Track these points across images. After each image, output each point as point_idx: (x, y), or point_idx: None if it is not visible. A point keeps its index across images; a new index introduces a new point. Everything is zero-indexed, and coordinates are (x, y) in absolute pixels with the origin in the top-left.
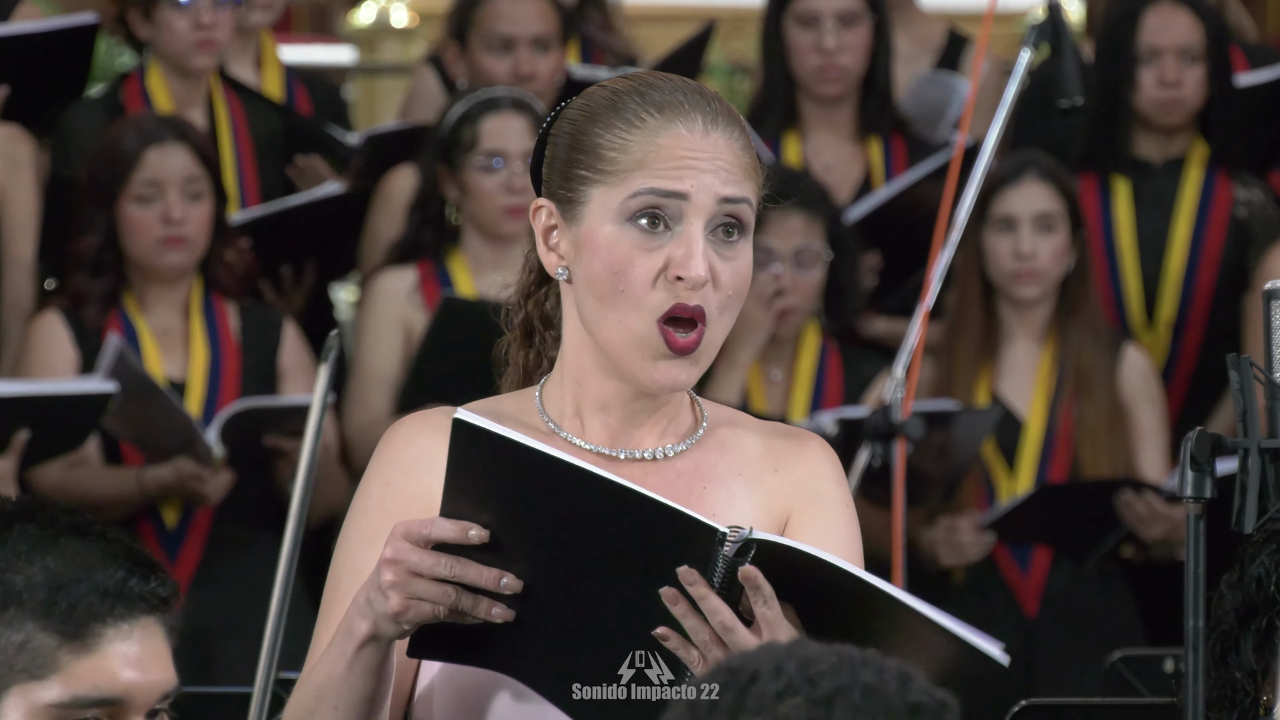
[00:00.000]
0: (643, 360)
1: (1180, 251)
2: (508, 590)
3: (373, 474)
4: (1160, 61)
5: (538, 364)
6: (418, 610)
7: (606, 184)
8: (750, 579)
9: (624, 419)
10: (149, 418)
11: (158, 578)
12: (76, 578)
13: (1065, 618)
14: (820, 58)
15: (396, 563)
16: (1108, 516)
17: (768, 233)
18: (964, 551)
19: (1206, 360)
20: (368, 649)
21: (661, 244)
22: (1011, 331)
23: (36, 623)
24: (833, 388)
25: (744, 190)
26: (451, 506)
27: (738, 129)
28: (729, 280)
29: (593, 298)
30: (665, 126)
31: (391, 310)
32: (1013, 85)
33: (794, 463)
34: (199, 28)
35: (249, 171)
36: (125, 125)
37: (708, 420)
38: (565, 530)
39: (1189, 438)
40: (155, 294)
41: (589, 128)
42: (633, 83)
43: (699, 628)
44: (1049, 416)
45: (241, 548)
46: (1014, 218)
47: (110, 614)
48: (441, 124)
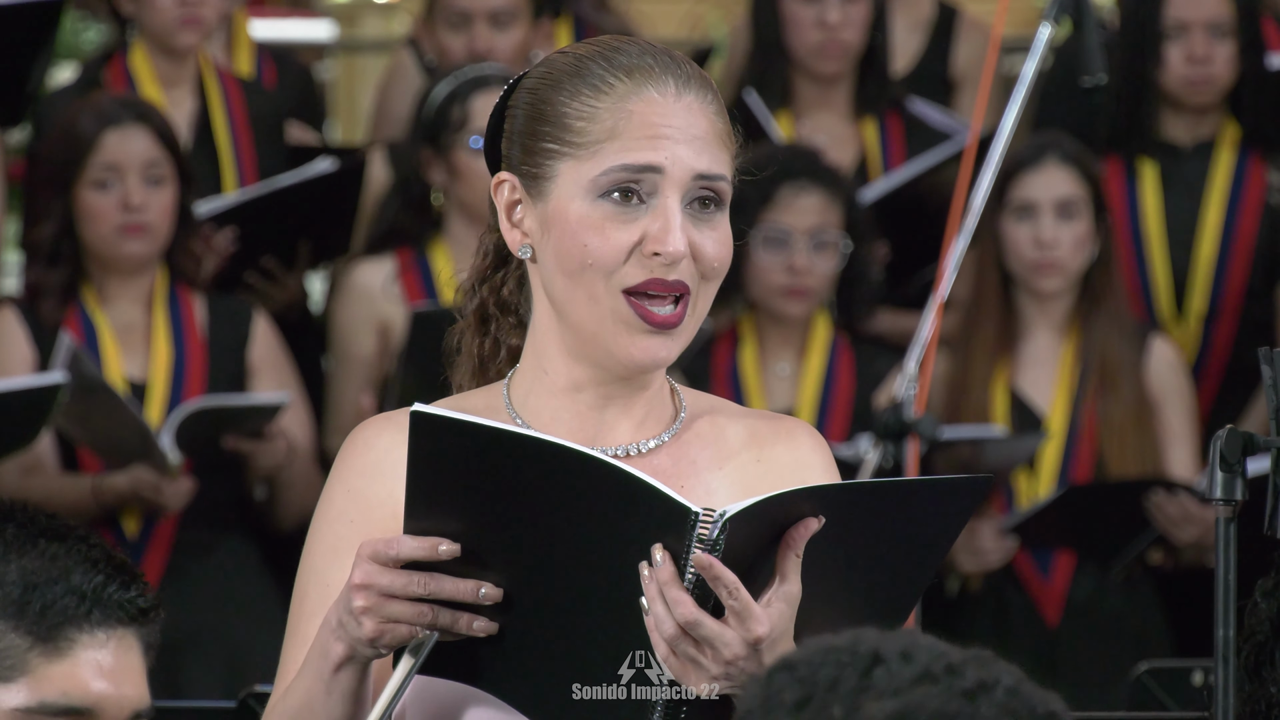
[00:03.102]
0: (619, 337)
1: (1211, 240)
2: (487, 600)
3: (334, 481)
4: (1188, 37)
5: (494, 353)
6: (394, 633)
7: (576, 157)
8: (706, 567)
9: (597, 404)
10: (105, 421)
11: (138, 587)
12: (52, 579)
13: (1089, 627)
14: (822, 33)
15: (367, 587)
16: (1137, 519)
17: (784, 211)
18: (985, 557)
19: (1239, 355)
20: (345, 672)
21: (636, 217)
22: (1031, 324)
23: (7, 623)
24: (844, 384)
25: (719, 164)
26: (415, 509)
27: (710, 93)
28: (711, 252)
29: (562, 276)
30: (635, 91)
31: (366, 304)
32: (1031, 63)
33: (778, 451)
34: (184, 4)
35: (246, 153)
36: (83, 106)
37: (687, 410)
38: (538, 519)
39: (1218, 436)
40: (115, 286)
41: (553, 96)
42: (597, 47)
43: (665, 617)
44: (1071, 414)
45: (207, 553)
46: (1034, 204)
47: (85, 619)
48: (426, 104)
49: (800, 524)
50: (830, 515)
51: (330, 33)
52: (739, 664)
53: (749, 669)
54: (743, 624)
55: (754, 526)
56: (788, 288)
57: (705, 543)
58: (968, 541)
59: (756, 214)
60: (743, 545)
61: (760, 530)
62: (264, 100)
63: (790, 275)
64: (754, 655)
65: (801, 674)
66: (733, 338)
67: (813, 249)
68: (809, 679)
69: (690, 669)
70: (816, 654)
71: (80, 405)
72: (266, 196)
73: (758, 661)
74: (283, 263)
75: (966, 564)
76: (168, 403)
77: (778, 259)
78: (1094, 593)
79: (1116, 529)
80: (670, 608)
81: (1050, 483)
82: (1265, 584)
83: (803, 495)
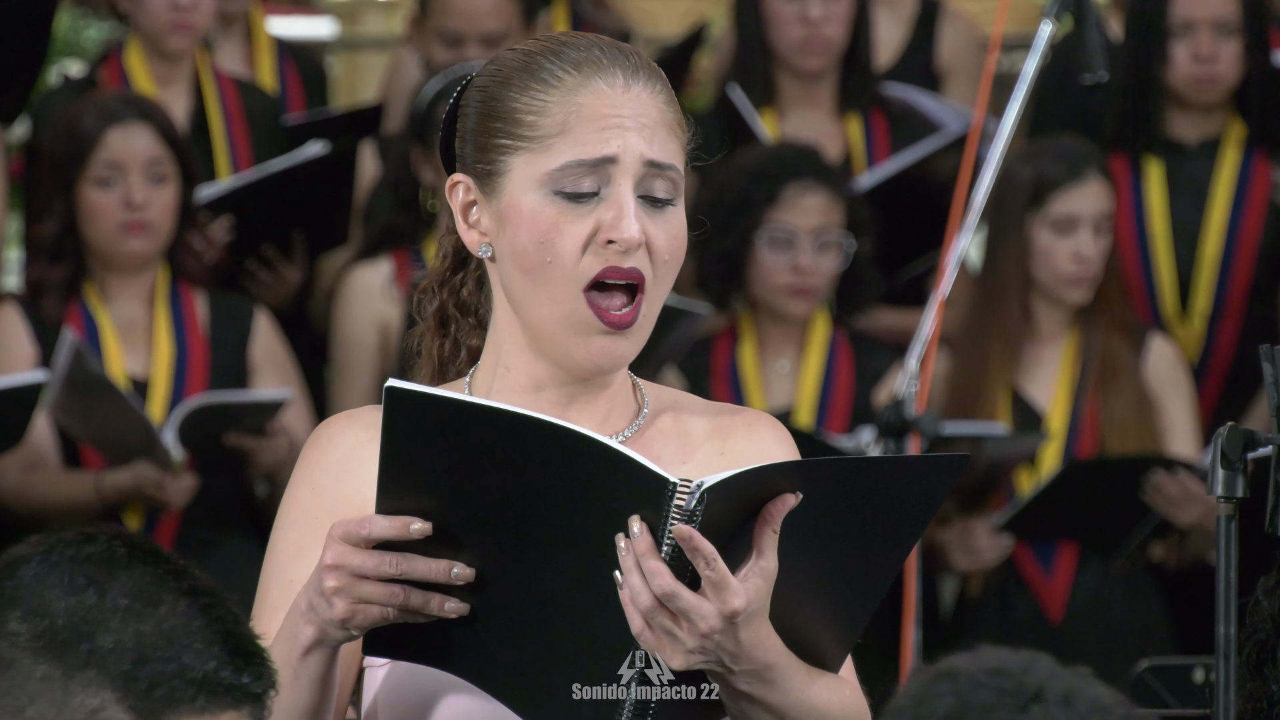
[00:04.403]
0: (576, 338)
1: (1216, 238)
2: (459, 581)
3: (298, 478)
4: (1194, 35)
5: (454, 354)
6: (365, 614)
7: (528, 151)
8: (685, 539)
9: (560, 402)
10: (107, 418)
11: (253, 670)
12: (166, 656)
13: (1090, 625)
14: (804, 29)
15: (338, 567)
16: (1137, 504)
17: (789, 211)
18: (979, 556)
19: (1244, 354)
20: (314, 656)
21: (590, 209)
22: (1035, 324)
23: (114, 693)
24: (843, 381)
25: (669, 154)
26: (388, 488)
27: (659, 83)
28: (664, 244)
29: (520, 273)
30: (584, 84)
31: (366, 308)
32: (1033, 60)
33: (741, 444)
34: (176, 9)
35: (242, 150)
36: (86, 103)
37: (650, 405)
38: (513, 495)
39: (1220, 433)
40: (117, 284)
41: (503, 93)
42: (545, 42)
43: (641, 589)
44: (1072, 410)
45: (209, 550)
46: (1076, 218)
47: (190, 704)
48: (417, 102)
49: (778, 500)
50: (807, 492)
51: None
52: (714, 637)
53: (724, 643)
54: (719, 596)
55: (731, 500)
56: (792, 287)
57: (683, 513)
58: (963, 540)
59: (761, 214)
60: (720, 519)
61: (737, 505)
62: (260, 98)
63: (795, 275)
64: (730, 629)
65: (961, 687)
66: (732, 335)
67: (817, 249)
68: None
69: (666, 642)
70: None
71: (82, 401)
72: (258, 182)
73: (733, 636)
74: (280, 252)
75: (961, 562)
76: (169, 399)
77: (783, 259)
78: (1096, 590)
79: (1117, 514)
80: (647, 579)
81: None
82: (1267, 581)
83: (780, 471)
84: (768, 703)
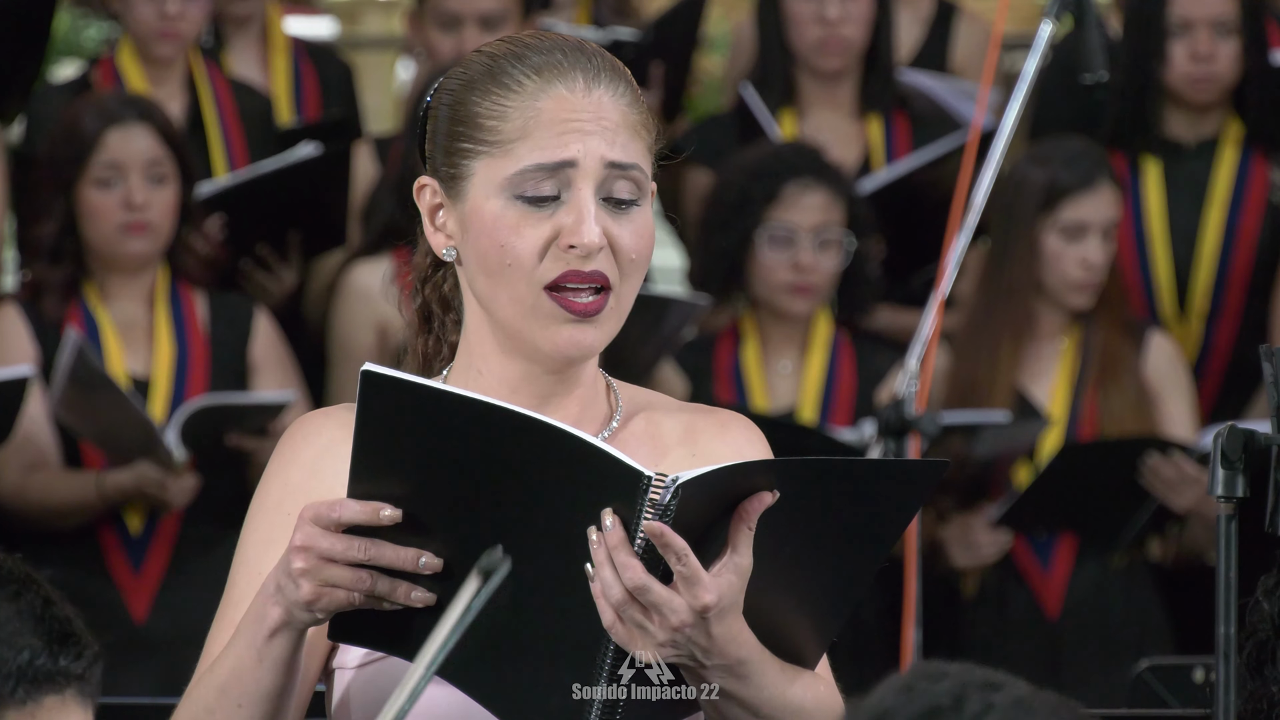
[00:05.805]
0: (542, 330)
1: (1213, 238)
2: (427, 570)
3: (271, 474)
4: (1192, 34)
5: (437, 350)
6: (331, 598)
7: (490, 155)
8: (656, 534)
9: (533, 403)
10: (109, 417)
11: (69, 652)
12: None
13: (1089, 624)
14: (822, 29)
15: (307, 549)
16: (1134, 489)
17: (789, 209)
18: (978, 551)
19: (1241, 353)
20: (279, 638)
21: (549, 213)
22: (1036, 324)
23: None
24: (845, 381)
25: (632, 154)
26: (361, 472)
27: (623, 84)
28: (629, 244)
29: (483, 276)
30: (544, 89)
31: (365, 304)
32: (1033, 60)
33: (714, 445)
34: (164, 18)
35: (237, 148)
36: (85, 104)
37: (623, 407)
38: (486, 485)
39: (1219, 433)
40: (117, 284)
41: (466, 97)
42: (510, 45)
43: (613, 582)
44: (1072, 407)
45: (210, 550)
46: (1087, 226)
47: (10, 698)
48: (418, 99)
49: (754, 497)
50: (785, 490)
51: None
52: (685, 631)
53: (696, 637)
54: (690, 590)
55: (707, 496)
56: (793, 285)
57: (657, 508)
58: (961, 536)
59: (761, 212)
60: (694, 515)
61: (713, 501)
62: (254, 99)
63: (796, 273)
64: (701, 623)
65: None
66: (734, 335)
67: (818, 247)
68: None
69: (637, 635)
70: (949, 679)
71: (85, 399)
72: (251, 182)
73: (705, 630)
74: (275, 253)
75: (960, 558)
76: (170, 399)
77: (783, 257)
78: (1095, 588)
79: (1114, 501)
80: (619, 572)
81: None
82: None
83: (758, 469)
84: (741, 698)
